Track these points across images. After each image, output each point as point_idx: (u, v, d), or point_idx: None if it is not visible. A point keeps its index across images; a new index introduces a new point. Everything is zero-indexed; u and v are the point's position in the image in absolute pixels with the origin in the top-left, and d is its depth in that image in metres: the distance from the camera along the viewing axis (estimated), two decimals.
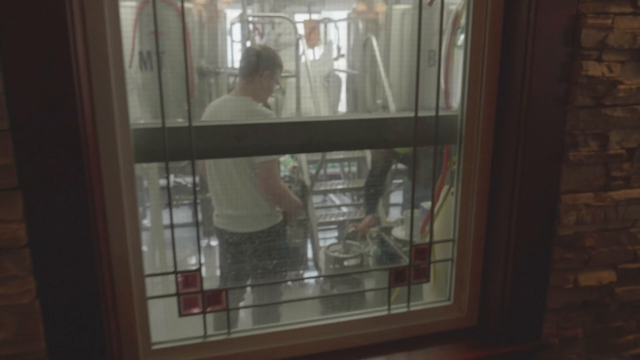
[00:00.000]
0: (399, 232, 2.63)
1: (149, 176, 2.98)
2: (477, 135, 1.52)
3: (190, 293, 1.45)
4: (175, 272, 1.42)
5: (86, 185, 1.20)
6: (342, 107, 5.51)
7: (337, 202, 5.68)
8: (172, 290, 1.45)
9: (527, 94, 1.37)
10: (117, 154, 1.29)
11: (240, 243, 2.74)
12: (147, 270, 1.41)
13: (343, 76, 5.49)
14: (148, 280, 1.42)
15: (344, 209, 5.30)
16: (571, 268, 1.56)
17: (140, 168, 2.14)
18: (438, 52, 1.58)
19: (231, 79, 4.82)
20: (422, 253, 1.63)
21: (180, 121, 4.20)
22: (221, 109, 2.68)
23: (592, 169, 1.48)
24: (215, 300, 1.48)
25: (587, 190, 1.49)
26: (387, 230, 2.75)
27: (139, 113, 3.53)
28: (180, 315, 1.46)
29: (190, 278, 1.45)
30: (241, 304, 2.92)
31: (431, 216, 1.59)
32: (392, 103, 4.32)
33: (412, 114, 1.51)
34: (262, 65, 2.69)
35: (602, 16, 1.35)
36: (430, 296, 1.83)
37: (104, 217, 1.29)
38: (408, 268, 1.62)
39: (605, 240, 1.56)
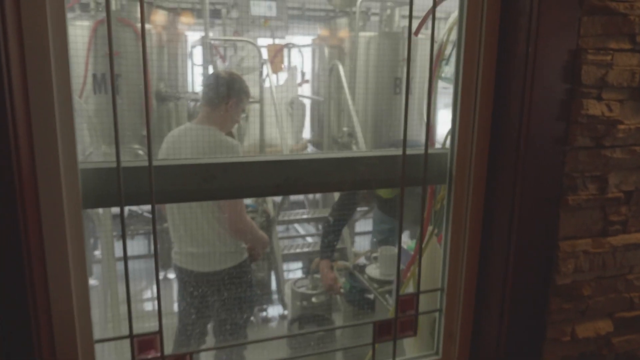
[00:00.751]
0: (373, 271, 2.48)
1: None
2: (469, 175, 1.39)
3: (149, 359, 1.25)
4: (131, 337, 1.22)
5: (20, 239, 1.00)
6: (307, 134, 5.39)
7: (302, 231, 5.51)
8: (127, 356, 1.25)
9: (526, 133, 1.26)
10: (61, 201, 1.10)
11: (202, 282, 2.53)
12: (97, 323, 1.21)
13: (307, 102, 5.38)
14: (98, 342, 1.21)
15: (309, 239, 5.14)
16: (568, 319, 1.44)
17: None
18: (429, 84, 1.46)
19: (191, 104, 4.64)
20: (407, 303, 1.49)
21: (137, 148, 3.92)
22: (182, 139, 2.49)
23: (590, 214, 1.38)
24: None
25: (585, 236, 1.39)
26: (360, 268, 2.60)
27: (88, 144, 3.28)
28: None
29: (149, 342, 1.25)
30: (202, 346, 2.70)
31: (419, 264, 1.45)
32: (360, 131, 4.22)
33: (398, 152, 1.38)
34: (228, 93, 2.53)
35: (602, 52, 1.26)
36: (412, 349, 1.68)
37: (44, 275, 1.09)
38: (394, 321, 1.46)
39: (602, 288, 1.46)
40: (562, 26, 1.22)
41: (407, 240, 2.06)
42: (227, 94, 2.54)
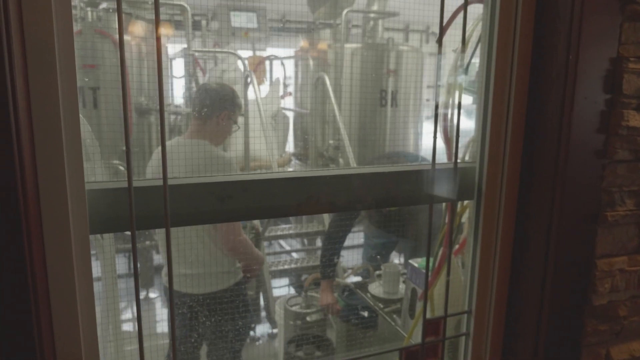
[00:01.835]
0: (376, 289, 2.38)
1: None
2: (501, 190, 1.32)
3: None
4: None
5: (26, 272, 0.87)
6: (290, 147, 5.29)
7: (287, 247, 5.38)
8: None
9: (566, 145, 1.19)
10: (67, 225, 0.97)
11: (196, 305, 2.39)
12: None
13: (290, 115, 5.28)
14: None
15: (295, 255, 5.02)
16: (603, 341, 1.37)
17: None
18: (453, 96, 1.38)
19: (172, 118, 4.49)
20: (433, 328, 1.39)
21: (117, 163, 3.73)
22: (174, 155, 2.36)
23: (626, 230, 1.32)
24: None
25: (621, 253, 1.32)
26: (362, 286, 2.50)
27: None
28: None
29: None
30: None
31: (447, 284, 1.36)
32: (348, 144, 4.14)
33: (428, 166, 1.29)
34: (219, 105, 2.41)
35: None
36: None
37: (48, 314, 0.96)
38: (421, 347, 1.37)
39: (636, 307, 1.39)
40: (603, 33, 1.16)
41: (415, 259, 1.97)
42: (219, 106, 2.42)
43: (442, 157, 1.54)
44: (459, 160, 1.40)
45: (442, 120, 1.61)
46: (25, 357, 0.91)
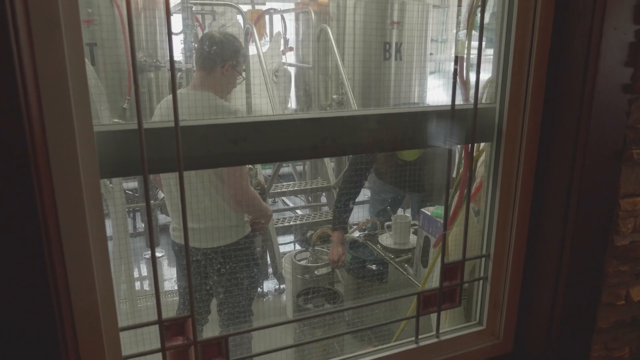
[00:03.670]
0: (387, 240, 2.37)
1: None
2: (522, 131, 1.27)
3: (180, 347, 1.11)
4: (160, 322, 1.07)
5: (38, 220, 0.84)
6: (293, 104, 5.20)
7: (290, 204, 5.37)
8: (155, 343, 1.10)
9: (592, 80, 1.14)
10: (77, 168, 0.93)
11: (205, 259, 2.38)
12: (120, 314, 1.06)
13: (292, 70, 5.17)
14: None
15: (299, 212, 5.01)
16: (623, 282, 1.35)
17: None
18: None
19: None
20: (451, 272, 1.38)
21: (117, 122, 3.69)
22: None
23: None
24: (212, 353, 1.14)
25: None
26: (372, 237, 2.48)
27: None
28: None
29: (179, 327, 1.10)
30: (204, 327, 2.56)
31: (465, 229, 1.33)
32: (352, 98, 4.06)
33: (447, 107, 1.24)
34: (223, 56, 2.34)
35: None
36: (448, 322, 1.58)
37: (61, 257, 0.93)
38: (439, 291, 1.35)
39: None
40: None
41: (429, 209, 1.95)
42: (223, 56, 2.34)
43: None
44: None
45: (459, 62, 1.55)
46: (41, 307, 0.89)
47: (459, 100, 1.28)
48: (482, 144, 1.51)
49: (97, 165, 0.96)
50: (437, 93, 5.07)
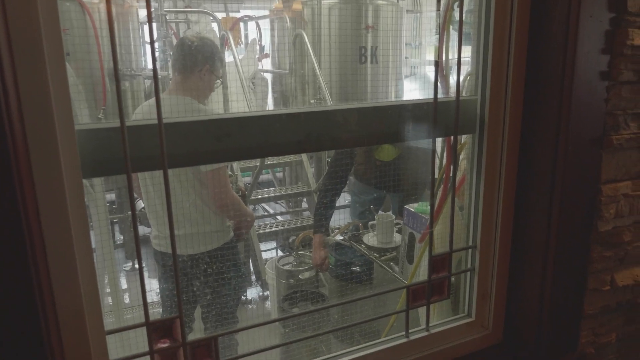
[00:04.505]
0: (371, 239, 2.36)
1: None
2: (504, 121, 1.28)
3: (168, 349, 1.08)
4: (148, 324, 1.05)
5: (20, 221, 0.81)
6: (270, 108, 5.19)
7: (271, 210, 5.35)
8: (142, 347, 1.07)
9: (571, 67, 1.15)
10: (59, 167, 0.90)
11: (187, 266, 2.34)
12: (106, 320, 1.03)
13: (269, 77, 5.16)
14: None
15: (280, 218, 4.98)
16: (608, 267, 1.37)
17: None
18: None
19: (147, 82, 4.34)
20: (439, 265, 1.38)
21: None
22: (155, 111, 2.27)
23: (629, 154, 1.30)
24: (202, 355, 1.12)
25: (625, 178, 1.31)
26: (357, 237, 2.48)
27: None
28: None
29: (168, 329, 1.08)
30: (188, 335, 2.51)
31: (451, 221, 1.33)
32: (330, 101, 4.07)
33: (429, 100, 1.25)
34: (200, 59, 2.32)
35: None
36: (436, 317, 1.58)
37: (44, 258, 0.90)
38: (428, 284, 1.35)
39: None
40: None
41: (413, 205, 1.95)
42: (200, 60, 2.33)
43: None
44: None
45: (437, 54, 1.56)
46: (24, 310, 0.85)
47: (440, 95, 1.29)
48: (463, 138, 1.52)
49: (78, 164, 0.93)
50: (413, 95, 5.12)
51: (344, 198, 4.21)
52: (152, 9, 4.54)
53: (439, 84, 1.32)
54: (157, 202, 2.29)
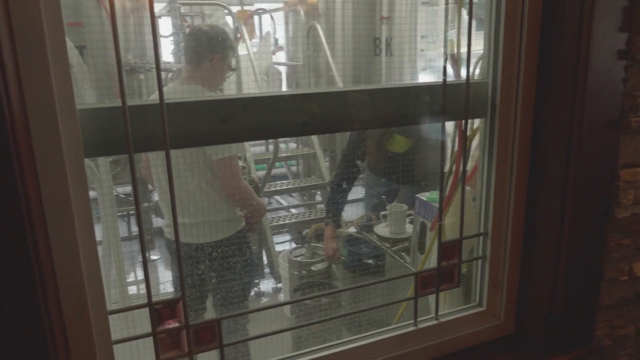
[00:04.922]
0: (382, 230, 2.34)
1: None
2: (516, 105, 1.25)
3: (171, 330, 1.07)
4: (151, 304, 1.04)
5: (21, 202, 0.80)
6: None
7: (285, 203, 5.34)
8: (146, 327, 1.06)
9: (586, 47, 1.11)
10: (60, 146, 0.89)
11: (198, 255, 2.34)
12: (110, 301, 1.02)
13: (283, 69, 5.15)
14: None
15: (293, 210, 4.98)
16: (626, 256, 1.33)
17: None
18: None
19: (162, 75, 4.35)
20: (449, 252, 1.34)
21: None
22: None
23: None
24: (205, 337, 1.11)
25: None
26: (368, 228, 2.45)
27: None
28: None
29: (171, 311, 1.07)
30: None
31: (462, 208, 1.30)
32: None
33: (439, 83, 1.21)
34: (212, 48, 2.31)
35: None
36: (447, 306, 1.55)
37: (46, 238, 0.89)
38: (437, 271, 1.32)
39: None
40: None
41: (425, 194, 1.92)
42: (211, 49, 2.32)
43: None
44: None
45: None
46: (25, 290, 0.85)
47: (450, 78, 1.26)
48: (475, 124, 1.49)
49: (80, 143, 0.92)
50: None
51: (358, 191, 4.19)
52: (167, 2, 4.54)
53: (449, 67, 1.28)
54: (166, 189, 2.28)
